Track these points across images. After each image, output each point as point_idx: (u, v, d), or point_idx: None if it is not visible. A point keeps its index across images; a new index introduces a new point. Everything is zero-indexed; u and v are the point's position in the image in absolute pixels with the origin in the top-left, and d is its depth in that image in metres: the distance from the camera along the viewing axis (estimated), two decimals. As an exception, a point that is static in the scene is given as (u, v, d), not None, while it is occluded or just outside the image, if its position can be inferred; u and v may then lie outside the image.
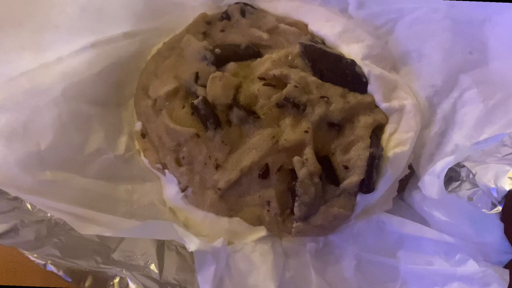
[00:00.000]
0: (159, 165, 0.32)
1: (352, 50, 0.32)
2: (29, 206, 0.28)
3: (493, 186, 0.25)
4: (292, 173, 0.29)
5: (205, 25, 0.35)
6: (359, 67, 0.31)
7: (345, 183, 0.29)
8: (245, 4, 0.35)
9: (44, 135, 0.29)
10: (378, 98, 0.31)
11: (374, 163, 0.29)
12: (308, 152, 0.29)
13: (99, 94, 0.32)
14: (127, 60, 0.34)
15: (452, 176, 0.28)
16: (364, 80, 0.31)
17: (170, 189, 0.32)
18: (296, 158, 0.29)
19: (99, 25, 0.32)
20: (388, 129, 0.30)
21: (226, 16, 0.35)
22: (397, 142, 0.30)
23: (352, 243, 0.31)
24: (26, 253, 0.25)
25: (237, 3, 0.35)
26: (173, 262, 0.29)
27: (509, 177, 0.25)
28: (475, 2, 0.32)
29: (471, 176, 0.27)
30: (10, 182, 0.26)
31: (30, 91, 0.29)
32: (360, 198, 0.29)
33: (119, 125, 0.34)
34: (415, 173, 0.31)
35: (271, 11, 0.36)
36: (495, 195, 0.25)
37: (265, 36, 0.33)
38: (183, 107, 0.32)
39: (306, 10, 0.35)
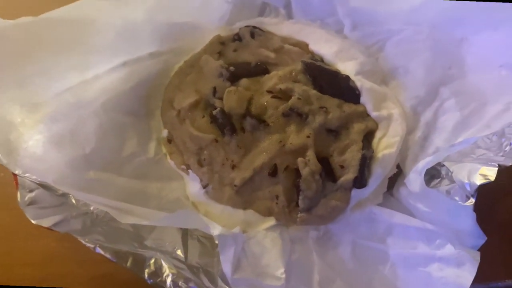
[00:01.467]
0: (183, 166, 0.34)
1: (347, 67, 0.34)
2: (73, 201, 0.30)
3: (467, 181, 0.27)
4: (297, 172, 0.31)
5: (220, 46, 0.36)
6: (353, 81, 0.33)
7: (341, 180, 0.31)
8: (254, 27, 0.37)
9: (88, 141, 0.31)
10: (369, 107, 0.33)
11: (366, 163, 0.31)
12: (310, 154, 0.31)
13: (131, 106, 0.34)
14: (154, 77, 0.36)
15: (434, 174, 0.30)
16: (357, 92, 0.33)
17: (193, 186, 0.33)
18: (300, 159, 0.31)
19: (130, 47, 0.34)
20: (378, 134, 0.32)
21: (238, 37, 0.37)
22: (386, 145, 0.32)
23: (348, 231, 0.32)
24: (79, 238, 0.28)
25: (247, 26, 0.37)
26: (195, 249, 0.31)
27: (480, 174, 0.27)
28: (453, 24, 0.33)
29: (449, 173, 0.29)
30: (62, 180, 0.28)
31: (74, 104, 0.31)
32: (354, 192, 0.31)
33: (148, 132, 0.35)
34: (402, 172, 0.33)
35: (277, 33, 0.37)
36: (469, 189, 0.27)
37: (272, 55, 0.35)
38: (203, 116, 0.34)
39: (307, 32, 0.37)
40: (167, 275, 0.28)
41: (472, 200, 0.28)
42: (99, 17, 0.32)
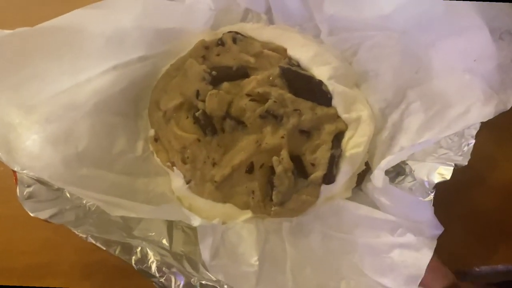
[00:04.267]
0: (169, 163, 0.35)
1: (321, 72, 0.35)
2: (68, 195, 0.31)
3: (426, 179, 0.29)
4: (271, 169, 0.33)
5: (204, 50, 0.37)
6: (325, 85, 0.34)
7: (312, 177, 0.32)
8: (236, 33, 0.38)
9: (80, 140, 0.32)
10: (340, 110, 0.34)
11: (334, 161, 0.33)
12: (284, 153, 0.33)
13: (121, 107, 0.35)
14: (142, 79, 0.37)
15: (400, 171, 0.32)
16: (329, 96, 0.34)
17: (177, 181, 0.35)
18: (274, 158, 0.33)
19: (119, 52, 0.35)
20: (348, 134, 0.34)
21: (221, 42, 0.37)
22: (354, 145, 0.33)
23: (318, 223, 0.34)
24: (72, 229, 0.30)
25: (230, 32, 0.38)
26: (180, 238, 0.32)
27: (437, 173, 0.29)
28: (421, 30, 0.34)
29: (412, 171, 0.31)
30: (57, 177, 0.30)
31: (68, 105, 0.32)
32: (324, 188, 0.33)
33: (137, 131, 0.37)
34: (371, 169, 0.34)
35: (258, 37, 0.38)
36: (427, 186, 0.29)
37: (252, 60, 0.36)
38: (187, 117, 0.35)
39: (286, 37, 0.38)
40: (152, 262, 0.30)
41: (431, 196, 0.29)
42: (89, 25, 0.33)
